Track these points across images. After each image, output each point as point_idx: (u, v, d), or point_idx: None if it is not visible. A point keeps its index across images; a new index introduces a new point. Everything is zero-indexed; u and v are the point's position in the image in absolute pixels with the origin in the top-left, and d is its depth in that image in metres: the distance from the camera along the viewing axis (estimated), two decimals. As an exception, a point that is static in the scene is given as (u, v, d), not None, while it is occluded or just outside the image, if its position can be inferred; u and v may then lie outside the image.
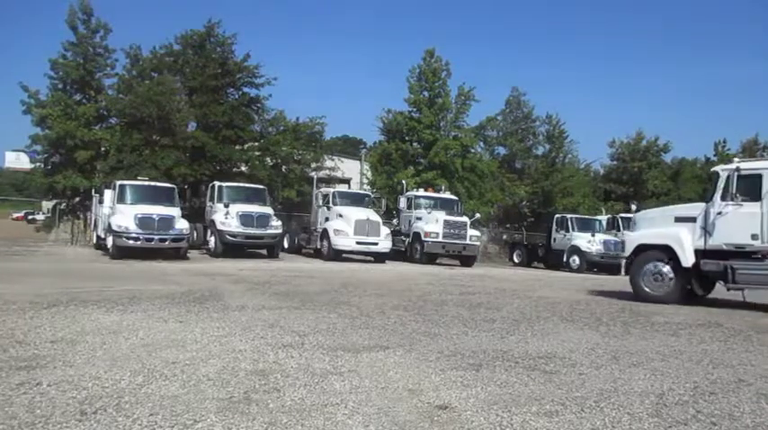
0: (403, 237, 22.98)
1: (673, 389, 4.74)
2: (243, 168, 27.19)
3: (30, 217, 55.97)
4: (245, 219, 19.39)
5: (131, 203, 17.82)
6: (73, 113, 25.40)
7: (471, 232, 22.85)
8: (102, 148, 25.98)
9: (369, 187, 31.49)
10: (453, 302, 9.78)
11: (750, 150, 43.28)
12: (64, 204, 28.48)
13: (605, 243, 22.91)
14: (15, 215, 63.60)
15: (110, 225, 17.51)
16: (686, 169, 48.30)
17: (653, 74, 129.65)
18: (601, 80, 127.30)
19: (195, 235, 20.59)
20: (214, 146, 25.25)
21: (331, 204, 21.63)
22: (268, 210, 20.51)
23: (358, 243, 20.32)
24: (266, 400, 4.03)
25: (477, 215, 25.36)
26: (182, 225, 17.79)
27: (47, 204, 44.11)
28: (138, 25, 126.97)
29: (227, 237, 19.25)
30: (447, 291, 11.39)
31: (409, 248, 22.63)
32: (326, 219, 21.38)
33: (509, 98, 40.56)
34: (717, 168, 11.63)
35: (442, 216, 22.30)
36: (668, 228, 11.50)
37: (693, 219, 11.17)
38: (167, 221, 17.40)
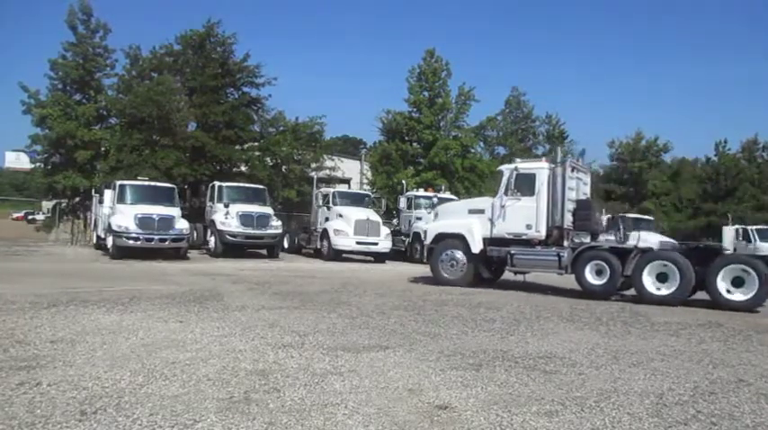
0: (403, 237, 22.96)
1: (673, 389, 4.75)
2: (243, 168, 27.17)
3: (30, 217, 55.89)
4: (245, 219, 19.39)
5: (131, 203, 17.81)
6: (73, 113, 25.40)
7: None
8: (102, 148, 25.97)
9: (369, 187, 31.50)
10: (453, 302, 9.78)
11: (750, 150, 43.32)
12: (64, 204, 28.48)
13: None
14: (15, 215, 63.52)
15: (110, 225, 17.50)
16: (686, 169, 48.31)
17: (653, 74, 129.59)
18: (601, 80, 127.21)
19: (195, 235, 20.58)
20: (214, 146, 25.23)
21: (331, 204, 21.63)
22: (268, 210, 20.51)
23: (358, 243, 20.32)
24: (266, 400, 4.03)
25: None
26: (182, 225, 17.79)
27: (47, 204, 44.08)
28: (138, 25, 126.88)
29: (227, 237, 19.25)
30: (447, 291, 11.39)
31: (409, 248, 22.60)
32: (326, 219, 21.38)
33: (509, 98, 40.68)
34: (501, 167, 13.19)
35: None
36: (463, 219, 12.82)
37: (483, 211, 12.53)
38: (167, 221, 17.40)
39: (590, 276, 11.42)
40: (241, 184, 22.45)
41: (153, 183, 19.85)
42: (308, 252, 23.18)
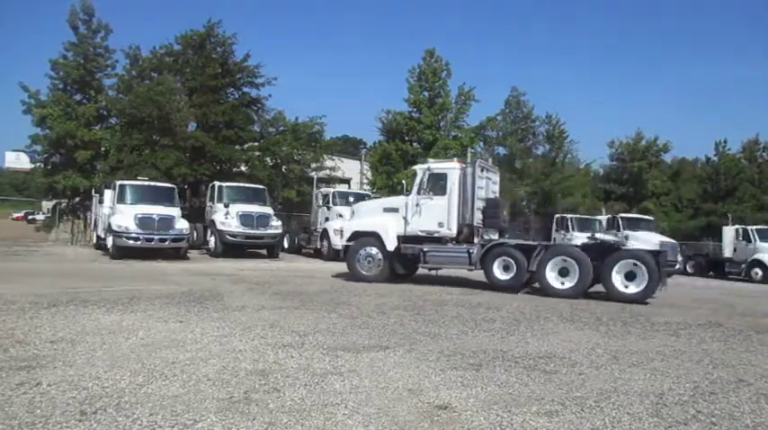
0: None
1: (673, 389, 4.75)
2: (243, 168, 27.17)
3: (30, 217, 55.90)
4: (245, 219, 19.39)
5: (131, 203, 17.81)
6: (73, 113, 25.41)
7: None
8: (102, 148, 25.98)
9: (369, 187, 31.47)
10: (453, 302, 9.78)
11: (750, 150, 43.29)
12: (64, 204, 28.48)
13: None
14: (15, 215, 63.51)
15: (110, 225, 17.50)
16: (686, 169, 48.28)
17: (653, 74, 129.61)
18: (601, 80, 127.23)
19: (195, 235, 20.58)
20: (214, 146, 25.23)
21: (331, 204, 21.64)
22: (268, 210, 20.51)
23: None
24: (266, 400, 4.03)
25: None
26: (182, 225, 17.79)
27: (47, 204, 44.11)
28: (138, 25, 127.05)
29: (227, 237, 19.25)
30: (447, 291, 11.39)
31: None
32: (326, 219, 21.39)
33: (509, 98, 40.54)
34: (415, 167, 13.49)
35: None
36: (378, 217, 13.13)
37: (397, 210, 12.85)
38: (167, 221, 17.40)
39: (498, 272, 11.91)
40: (241, 184, 22.45)
41: (153, 183, 19.86)
42: (307, 252, 23.18)
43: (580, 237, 23.68)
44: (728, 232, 25.01)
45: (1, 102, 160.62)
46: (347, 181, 32.64)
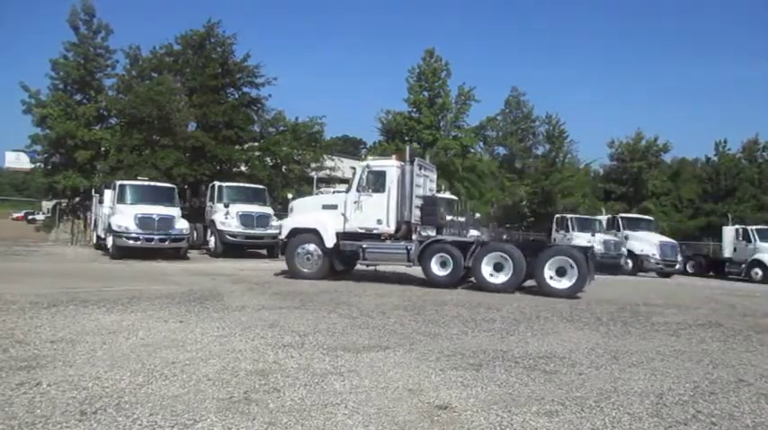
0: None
1: (673, 389, 4.75)
2: (243, 168, 27.18)
3: (30, 217, 55.91)
4: (245, 219, 19.39)
5: (131, 203, 17.81)
6: (73, 113, 25.41)
7: (471, 232, 22.80)
8: (102, 148, 25.97)
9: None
10: (453, 302, 9.77)
11: (750, 150, 43.32)
12: (64, 204, 28.48)
13: (605, 243, 22.87)
14: (15, 215, 63.52)
15: (110, 225, 17.50)
16: (686, 169, 48.31)
17: (653, 74, 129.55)
18: (601, 80, 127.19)
19: (195, 235, 20.57)
20: (214, 146, 25.24)
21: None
22: (268, 210, 20.50)
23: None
24: (266, 400, 4.03)
25: (477, 215, 25.35)
26: (182, 225, 17.79)
27: (47, 204, 44.12)
28: (138, 25, 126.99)
29: (227, 237, 19.25)
30: (447, 291, 11.39)
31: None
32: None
33: (509, 98, 40.66)
34: (354, 165, 13.49)
35: (441, 216, 22.24)
36: (317, 214, 13.15)
37: (336, 207, 12.90)
38: (167, 221, 17.40)
39: (435, 268, 12.11)
40: (241, 184, 22.46)
41: (153, 183, 19.86)
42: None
43: (581, 237, 23.76)
44: (728, 232, 25.02)
45: (1, 102, 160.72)
46: (347, 181, 32.63)
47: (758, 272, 22.35)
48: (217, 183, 21.33)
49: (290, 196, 18.06)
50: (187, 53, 27.46)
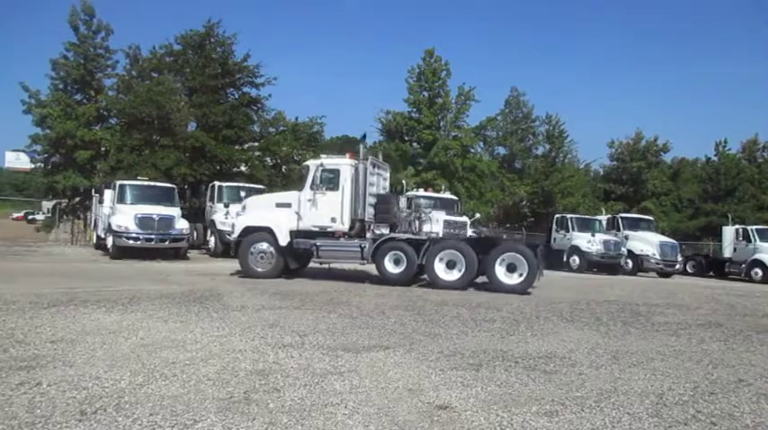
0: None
1: (673, 389, 4.75)
2: (243, 168, 27.17)
3: (30, 217, 55.93)
4: (246, 219, 19.36)
5: (131, 203, 17.81)
6: (73, 113, 25.41)
7: (471, 232, 22.82)
8: (103, 148, 25.96)
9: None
10: (453, 302, 9.77)
11: (750, 150, 43.33)
12: (64, 204, 28.48)
13: (605, 243, 22.86)
14: (15, 215, 63.54)
15: (110, 225, 17.51)
16: (686, 169, 48.31)
17: (653, 74, 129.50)
18: (601, 80, 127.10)
19: (195, 235, 20.58)
20: (214, 146, 25.24)
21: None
22: (268, 210, 20.47)
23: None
24: (266, 400, 4.03)
25: (477, 215, 25.35)
26: (182, 225, 17.80)
27: (47, 204, 44.11)
28: (138, 25, 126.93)
29: (228, 236, 19.21)
30: (447, 291, 11.39)
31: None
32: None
33: (509, 98, 40.65)
34: (307, 163, 13.47)
35: (441, 216, 22.23)
36: (270, 212, 13.06)
37: (290, 205, 12.83)
38: (167, 221, 17.41)
39: (389, 265, 12.26)
40: (241, 184, 22.44)
41: (153, 183, 19.86)
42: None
43: (581, 237, 23.78)
44: (728, 232, 25.02)
45: (1, 102, 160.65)
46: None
47: (758, 272, 22.35)
48: (217, 183, 21.34)
49: (242, 194, 18.00)
50: (187, 53, 27.46)
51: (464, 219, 23.14)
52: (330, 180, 12.51)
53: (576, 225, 24.74)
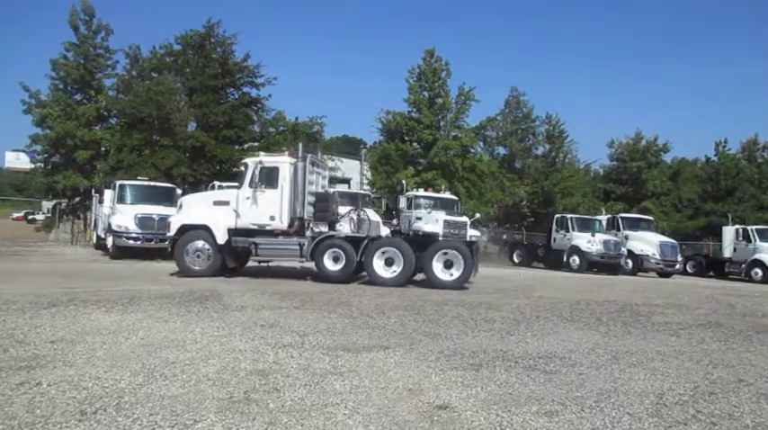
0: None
1: (673, 389, 4.74)
2: (243, 168, 27.16)
3: (30, 217, 55.98)
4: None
5: (131, 203, 17.83)
6: (73, 113, 25.45)
7: (471, 232, 22.82)
8: (103, 148, 26.00)
9: (369, 187, 31.47)
10: (453, 302, 9.77)
11: (750, 150, 43.30)
12: (64, 204, 28.51)
13: (605, 243, 22.88)
14: (15, 215, 63.58)
15: (110, 225, 17.52)
16: (686, 169, 48.29)
17: (653, 74, 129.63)
18: (601, 80, 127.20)
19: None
20: (214, 146, 25.26)
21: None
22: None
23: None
24: (266, 400, 4.03)
25: (477, 215, 25.34)
26: (182, 225, 17.77)
27: (47, 204, 44.15)
28: (138, 25, 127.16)
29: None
30: (447, 291, 11.39)
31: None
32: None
33: (508, 98, 40.55)
34: (246, 160, 13.50)
35: (441, 216, 22.18)
36: (208, 210, 12.95)
37: (228, 203, 12.75)
38: (167, 221, 17.38)
39: (329, 263, 12.34)
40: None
41: (153, 183, 19.88)
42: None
43: (581, 237, 23.77)
44: (728, 232, 25.02)
45: (1, 102, 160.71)
46: (347, 181, 32.64)
47: (758, 272, 22.36)
48: (217, 184, 21.33)
49: (179, 191, 17.96)
50: (187, 53, 27.47)
51: (464, 219, 23.16)
52: (269, 178, 12.45)
53: (576, 225, 24.74)
